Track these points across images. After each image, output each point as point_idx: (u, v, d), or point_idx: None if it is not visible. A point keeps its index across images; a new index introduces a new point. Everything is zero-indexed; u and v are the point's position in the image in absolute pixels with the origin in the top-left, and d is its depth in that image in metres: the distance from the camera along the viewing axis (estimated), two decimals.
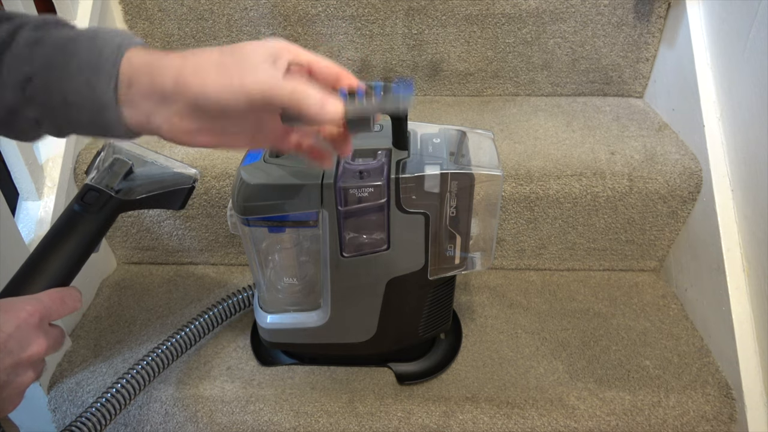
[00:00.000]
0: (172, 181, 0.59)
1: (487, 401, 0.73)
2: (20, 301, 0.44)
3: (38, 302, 0.45)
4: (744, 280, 0.76)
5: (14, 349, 0.42)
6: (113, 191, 0.55)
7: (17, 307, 0.43)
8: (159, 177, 0.59)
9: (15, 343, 0.42)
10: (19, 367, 0.42)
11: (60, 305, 0.47)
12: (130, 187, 0.56)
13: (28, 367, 0.43)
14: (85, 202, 0.54)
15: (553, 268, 0.95)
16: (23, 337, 0.43)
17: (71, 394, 0.76)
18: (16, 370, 0.42)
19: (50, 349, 0.45)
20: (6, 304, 0.44)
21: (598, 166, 0.85)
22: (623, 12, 0.99)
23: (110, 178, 0.56)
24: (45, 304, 0.45)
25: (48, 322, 0.46)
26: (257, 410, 0.73)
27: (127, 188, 0.56)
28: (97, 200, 0.54)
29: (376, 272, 0.65)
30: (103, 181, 0.56)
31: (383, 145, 0.61)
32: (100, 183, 0.56)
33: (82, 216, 0.54)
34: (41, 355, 0.44)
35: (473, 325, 0.84)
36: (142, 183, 0.57)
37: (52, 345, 0.45)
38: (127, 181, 0.56)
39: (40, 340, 0.44)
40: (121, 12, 1.03)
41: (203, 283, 0.93)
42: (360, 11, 1.00)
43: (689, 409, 0.73)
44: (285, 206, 0.59)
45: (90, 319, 0.87)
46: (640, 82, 1.05)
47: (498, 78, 1.06)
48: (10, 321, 0.42)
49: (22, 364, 0.43)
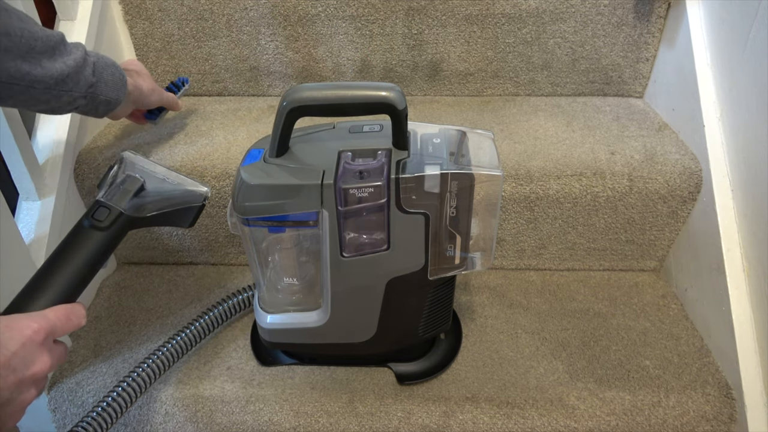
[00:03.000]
0: (182, 198, 0.58)
1: (487, 401, 0.73)
2: (26, 318, 0.44)
3: (44, 319, 0.45)
4: (744, 280, 0.76)
5: (18, 366, 0.42)
6: (123, 208, 0.55)
7: (23, 325, 0.43)
8: (170, 194, 0.58)
9: (19, 361, 0.42)
10: (22, 384, 0.43)
11: (65, 322, 0.47)
12: (140, 204, 0.55)
13: (31, 385, 0.44)
14: (95, 218, 0.54)
15: (553, 268, 0.95)
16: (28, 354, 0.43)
17: (71, 394, 0.76)
18: (19, 388, 0.42)
19: (53, 366, 0.45)
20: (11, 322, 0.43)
21: (598, 166, 0.85)
22: (623, 12, 0.99)
23: (121, 195, 0.55)
24: (51, 321, 0.45)
25: (53, 339, 0.46)
26: (257, 410, 0.73)
27: (137, 205, 0.55)
28: (106, 217, 0.54)
29: (376, 272, 0.65)
30: (114, 198, 0.55)
31: (383, 145, 0.61)
32: (110, 199, 0.55)
33: (91, 232, 0.53)
34: (45, 373, 0.44)
35: (473, 325, 0.84)
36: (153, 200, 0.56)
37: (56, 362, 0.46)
38: (137, 199, 0.55)
39: (44, 357, 0.44)
40: (121, 12, 1.03)
41: (203, 283, 0.93)
42: (360, 11, 1.00)
43: (689, 409, 0.73)
44: (285, 206, 0.59)
45: (90, 319, 0.87)
46: (640, 82, 1.05)
47: (498, 78, 1.06)
48: (15, 338, 0.42)
49: (26, 382, 0.43)
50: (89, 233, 0.54)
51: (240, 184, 0.59)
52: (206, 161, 0.87)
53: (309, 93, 0.57)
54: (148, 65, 1.07)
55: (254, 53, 1.05)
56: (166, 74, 1.08)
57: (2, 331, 0.42)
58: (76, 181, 0.89)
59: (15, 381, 0.42)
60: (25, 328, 0.43)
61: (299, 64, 1.06)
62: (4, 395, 0.41)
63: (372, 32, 1.02)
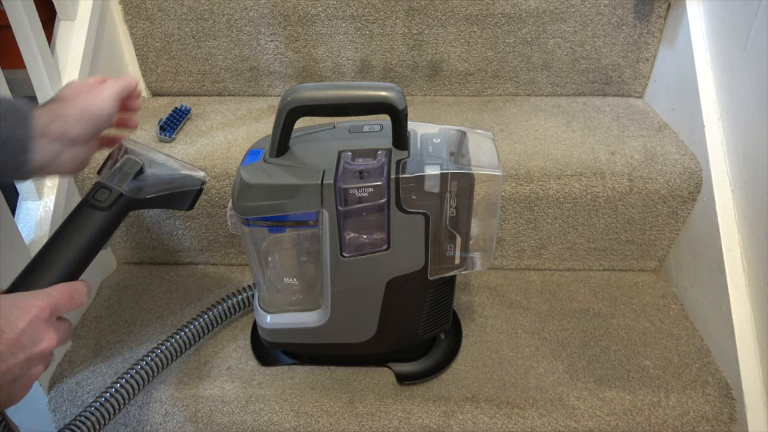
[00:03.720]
0: (180, 182, 0.60)
1: (487, 401, 0.73)
2: (30, 296, 0.46)
3: (48, 297, 0.46)
4: (744, 280, 0.76)
5: (27, 344, 0.44)
6: (124, 189, 0.56)
7: (28, 303, 0.45)
8: (168, 178, 0.60)
9: (28, 339, 0.44)
10: (31, 361, 0.44)
11: (68, 300, 0.48)
12: (140, 186, 0.57)
13: (39, 361, 0.45)
14: (96, 198, 0.55)
15: (553, 268, 0.95)
16: (35, 332, 0.44)
17: (71, 394, 0.76)
18: (28, 364, 0.44)
19: (60, 343, 0.47)
20: (17, 300, 0.45)
21: (598, 166, 0.85)
22: (623, 12, 0.99)
23: (121, 177, 0.57)
24: (54, 299, 0.47)
25: (57, 316, 0.47)
26: (257, 410, 0.73)
27: (137, 187, 0.57)
28: (107, 197, 0.55)
29: (376, 272, 0.65)
30: (114, 180, 0.57)
31: (383, 145, 0.61)
32: (110, 181, 0.57)
33: (92, 212, 0.55)
34: (51, 349, 0.46)
35: (473, 325, 0.84)
36: (151, 183, 0.58)
37: (62, 338, 0.47)
38: (137, 181, 0.57)
39: (50, 334, 0.45)
40: (121, 12, 1.03)
41: (203, 283, 0.93)
42: (360, 11, 1.00)
43: (689, 409, 0.73)
44: (285, 206, 0.59)
45: (90, 319, 0.87)
46: (640, 82, 1.05)
47: (498, 78, 1.06)
48: (22, 317, 0.44)
49: (34, 358, 0.45)
50: (90, 213, 0.55)
51: (240, 184, 0.59)
52: (206, 161, 0.87)
53: (309, 93, 0.57)
54: (148, 65, 1.07)
55: (254, 53, 1.05)
56: (166, 74, 1.08)
57: (9, 310, 0.43)
58: (76, 181, 0.89)
59: (24, 358, 0.43)
60: (31, 306, 0.44)
61: (299, 64, 1.06)
62: (14, 372, 0.43)
63: (372, 32, 1.02)
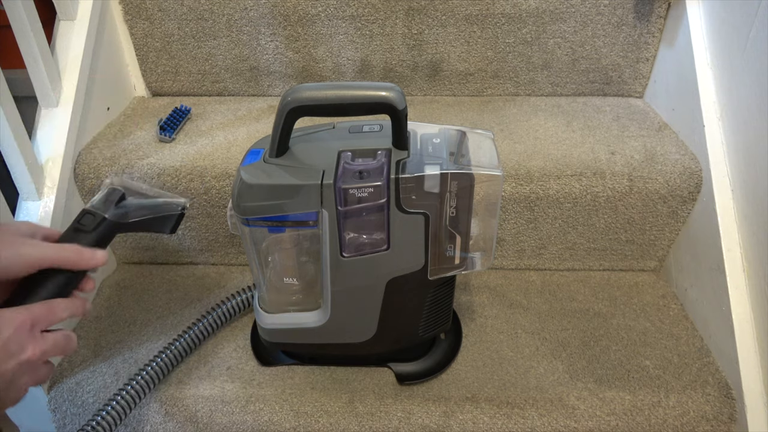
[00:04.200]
0: (161, 207, 0.64)
1: (487, 401, 0.73)
2: (9, 311, 0.48)
3: (27, 311, 0.49)
4: (744, 280, 0.76)
5: (15, 351, 0.46)
6: (107, 214, 0.60)
7: (9, 316, 0.47)
8: (149, 204, 0.64)
9: (15, 346, 0.46)
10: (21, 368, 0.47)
11: (48, 313, 0.51)
12: (123, 212, 0.62)
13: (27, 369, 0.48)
14: (81, 223, 0.59)
15: (553, 268, 0.95)
16: (21, 340, 0.47)
17: (71, 394, 0.76)
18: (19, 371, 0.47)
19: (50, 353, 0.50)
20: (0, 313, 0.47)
21: (598, 166, 0.85)
22: (623, 12, 0.99)
23: (104, 204, 0.61)
24: (34, 313, 0.49)
25: (39, 329, 0.49)
26: (257, 410, 0.73)
27: (120, 213, 0.61)
28: (91, 221, 0.59)
29: (375, 272, 0.65)
30: (98, 207, 0.61)
31: (383, 145, 0.61)
32: (95, 207, 0.61)
33: (76, 235, 0.58)
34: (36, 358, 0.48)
35: (473, 325, 0.84)
36: (134, 209, 0.63)
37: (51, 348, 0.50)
38: (119, 207, 0.62)
39: (35, 342, 0.48)
40: (121, 12, 1.03)
41: (203, 283, 0.93)
42: (360, 11, 1.00)
43: (689, 409, 0.73)
44: (285, 206, 0.59)
45: (90, 319, 0.87)
46: (640, 82, 1.05)
47: (498, 78, 1.06)
48: (6, 327, 0.46)
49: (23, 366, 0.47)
50: (75, 236, 0.58)
51: (240, 184, 0.59)
52: (206, 161, 0.87)
53: (309, 93, 0.57)
54: (148, 65, 1.07)
55: (254, 53, 1.05)
56: (166, 74, 1.08)
57: None
58: (76, 181, 0.89)
59: (15, 364, 0.46)
60: (12, 319, 0.47)
61: (299, 64, 1.06)
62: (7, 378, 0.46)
63: (372, 32, 1.02)
